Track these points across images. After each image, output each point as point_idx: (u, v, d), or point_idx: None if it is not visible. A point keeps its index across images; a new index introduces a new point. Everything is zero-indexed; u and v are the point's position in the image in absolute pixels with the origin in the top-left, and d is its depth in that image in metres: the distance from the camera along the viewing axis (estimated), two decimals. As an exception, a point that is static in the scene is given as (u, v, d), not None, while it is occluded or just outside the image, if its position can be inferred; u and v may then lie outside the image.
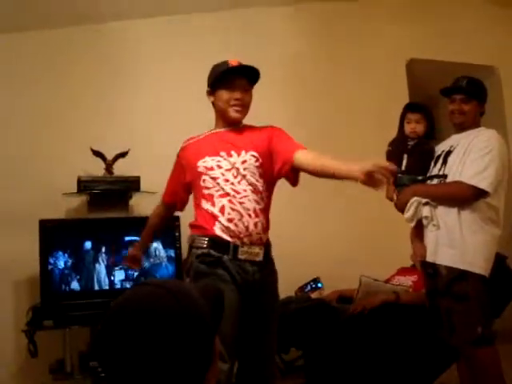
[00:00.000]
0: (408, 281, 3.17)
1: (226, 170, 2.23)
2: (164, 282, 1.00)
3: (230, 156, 2.25)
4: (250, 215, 2.19)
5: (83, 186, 3.48)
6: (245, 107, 2.31)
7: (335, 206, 4.15)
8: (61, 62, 3.84)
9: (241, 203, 2.19)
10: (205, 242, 2.21)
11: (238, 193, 2.20)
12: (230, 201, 2.19)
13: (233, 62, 2.29)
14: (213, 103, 2.36)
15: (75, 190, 3.51)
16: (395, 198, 2.82)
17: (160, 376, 0.90)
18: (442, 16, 4.76)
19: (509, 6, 4.94)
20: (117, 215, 3.56)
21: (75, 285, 3.31)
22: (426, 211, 2.69)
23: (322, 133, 4.22)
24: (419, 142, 2.79)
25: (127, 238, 3.39)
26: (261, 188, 2.26)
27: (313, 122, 4.24)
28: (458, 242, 2.58)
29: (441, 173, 2.71)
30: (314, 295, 3.45)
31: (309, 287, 3.56)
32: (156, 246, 3.40)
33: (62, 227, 3.42)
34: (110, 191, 3.51)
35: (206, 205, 2.23)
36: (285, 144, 2.27)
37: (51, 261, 3.26)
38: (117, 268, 3.36)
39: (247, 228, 2.18)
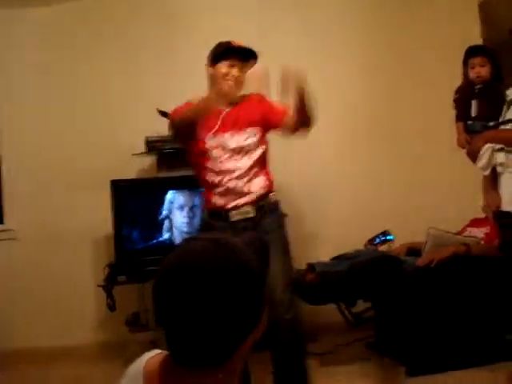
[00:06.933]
0: (481, 232, 3.04)
1: (226, 149, 2.45)
2: (215, 237, 1.00)
3: (231, 136, 2.45)
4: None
5: (151, 146, 3.57)
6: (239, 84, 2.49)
7: (405, 155, 4.03)
8: (125, 25, 3.91)
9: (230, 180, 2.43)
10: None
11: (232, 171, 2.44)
12: (221, 178, 2.44)
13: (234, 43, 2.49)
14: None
15: (144, 151, 3.61)
16: (467, 145, 2.71)
17: (215, 328, 0.92)
18: None
19: None
20: (185, 173, 3.61)
21: (146, 241, 3.42)
22: (500, 158, 2.56)
23: (396, 80, 4.08)
24: (487, 85, 2.64)
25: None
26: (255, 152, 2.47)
27: (387, 69, 4.09)
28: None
29: (515, 117, 2.56)
30: (382, 248, 3.38)
31: (378, 240, 3.48)
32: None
33: (132, 187, 3.52)
34: (177, 150, 3.56)
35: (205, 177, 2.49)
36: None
37: (123, 219, 3.38)
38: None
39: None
